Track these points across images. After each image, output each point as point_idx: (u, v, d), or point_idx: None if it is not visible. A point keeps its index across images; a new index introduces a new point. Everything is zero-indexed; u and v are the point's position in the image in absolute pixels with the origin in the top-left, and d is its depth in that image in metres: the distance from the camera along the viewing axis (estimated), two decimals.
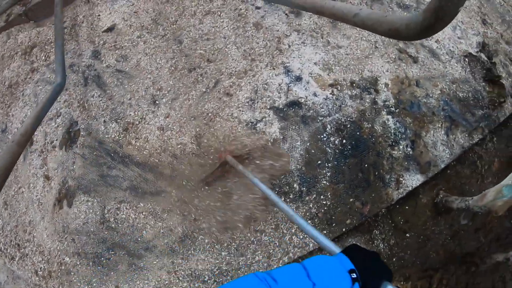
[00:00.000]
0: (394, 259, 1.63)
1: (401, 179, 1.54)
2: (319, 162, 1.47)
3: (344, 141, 1.50)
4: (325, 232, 1.40)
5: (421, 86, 1.74)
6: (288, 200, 1.41)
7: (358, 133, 1.53)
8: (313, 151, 1.48)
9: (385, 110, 1.61)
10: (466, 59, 1.95)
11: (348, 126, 1.54)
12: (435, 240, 1.75)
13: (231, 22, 1.72)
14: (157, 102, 1.63)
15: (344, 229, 1.41)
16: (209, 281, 1.39)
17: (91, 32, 1.86)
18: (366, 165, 1.49)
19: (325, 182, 1.46)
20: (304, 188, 1.44)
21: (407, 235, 1.68)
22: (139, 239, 1.51)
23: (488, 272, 1.89)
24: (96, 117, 1.69)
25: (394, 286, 0.49)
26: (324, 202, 1.44)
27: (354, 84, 1.63)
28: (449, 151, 1.68)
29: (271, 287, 0.44)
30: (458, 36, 2.01)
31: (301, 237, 1.37)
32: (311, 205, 1.43)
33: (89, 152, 1.65)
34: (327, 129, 1.51)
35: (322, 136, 1.50)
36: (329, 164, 1.47)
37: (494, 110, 1.92)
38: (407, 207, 1.70)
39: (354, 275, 0.46)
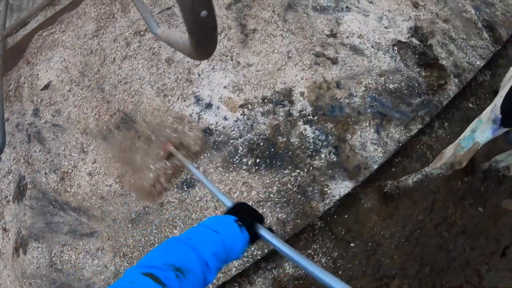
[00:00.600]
0: (340, 272, 1.54)
1: (326, 189, 1.48)
2: None
3: (257, 160, 1.48)
4: (245, 256, 1.37)
5: (342, 87, 1.68)
6: None
7: (272, 149, 1.50)
8: (227, 175, 1.47)
9: (301, 120, 1.57)
10: (395, 48, 1.86)
11: (262, 144, 1.51)
12: (387, 245, 1.64)
13: (146, 62, 1.79)
14: (85, 149, 1.72)
15: (266, 250, 1.38)
16: None
17: (31, 91, 2.01)
18: (284, 181, 1.45)
19: None
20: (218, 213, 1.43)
21: (351, 244, 1.59)
22: (81, 277, 1.58)
23: (458, 268, 1.73)
24: (39, 170, 1.82)
25: (264, 226, 0.69)
26: None
27: (266, 100, 1.61)
28: (382, 149, 1.59)
29: (188, 244, 0.58)
30: (385, 26, 1.93)
31: None
32: None
33: (36, 203, 1.77)
34: (239, 151, 1.50)
35: (234, 159, 1.49)
36: None
37: (434, 94, 1.79)
38: (346, 216, 1.61)
39: (239, 223, 0.66)
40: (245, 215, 0.68)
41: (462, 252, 1.78)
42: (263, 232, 0.66)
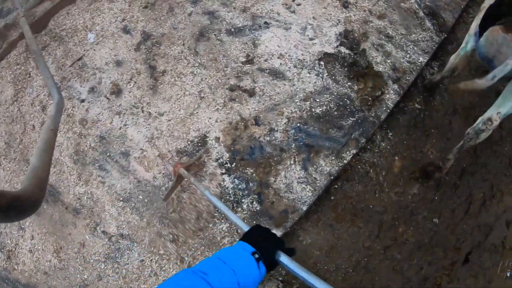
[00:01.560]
0: None
1: None
2: None
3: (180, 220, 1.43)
4: None
5: (261, 122, 1.55)
6: None
7: (193, 209, 1.43)
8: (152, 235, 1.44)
9: (219, 170, 1.48)
10: (322, 63, 1.67)
11: (180, 204, 1.45)
12: (333, 278, 1.58)
13: (62, 126, 1.72)
14: (22, 226, 1.72)
15: None
16: None
17: None
18: (208, 238, 1.40)
19: None
20: None
21: (294, 287, 1.55)
22: None
23: (416, 287, 1.66)
24: None
25: (285, 253, 0.65)
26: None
27: (181, 152, 1.51)
28: (310, 187, 1.48)
29: (205, 279, 0.53)
30: (309, 38, 1.73)
31: None
32: None
33: None
34: (157, 216, 1.44)
35: (155, 222, 1.44)
36: None
37: (370, 109, 1.63)
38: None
39: (256, 256, 0.60)
40: (263, 243, 0.64)
41: (418, 269, 1.69)
42: (284, 259, 0.64)
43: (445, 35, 1.82)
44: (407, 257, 1.68)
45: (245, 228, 0.71)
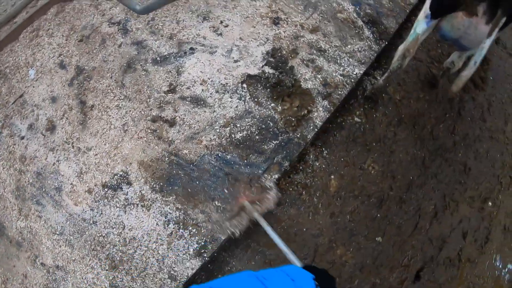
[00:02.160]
0: None
1: (172, 272, 1.42)
2: None
3: (108, 253, 1.46)
4: None
5: (179, 154, 1.54)
6: None
7: (115, 248, 1.46)
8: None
9: (139, 203, 1.49)
10: (244, 85, 1.63)
11: (107, 238, 1.48)
12: None
13: (5, 163, 1.81)
14: None
15: None
16: None
17: None
18: (129, 271, 1.42)
19: None
20: None
21: None
22: None
23: None
24: None
25: None
26: None
27: (106, 186, 1.54)
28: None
29: (263, 283, 0.58)
30: (234, 60, 1.69)
31: None
32: None
33: None
34: (87, 247, 1.49)
35: (85, 254, 1.49)
36: None
37: (295, 130, 1.57)
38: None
39: (317, 283, 0.66)
40: (322, 277, 0.69)
41: None
42: None
43: (386, 43, 1.71)
44: (347, 280, 1.61)
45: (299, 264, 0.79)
